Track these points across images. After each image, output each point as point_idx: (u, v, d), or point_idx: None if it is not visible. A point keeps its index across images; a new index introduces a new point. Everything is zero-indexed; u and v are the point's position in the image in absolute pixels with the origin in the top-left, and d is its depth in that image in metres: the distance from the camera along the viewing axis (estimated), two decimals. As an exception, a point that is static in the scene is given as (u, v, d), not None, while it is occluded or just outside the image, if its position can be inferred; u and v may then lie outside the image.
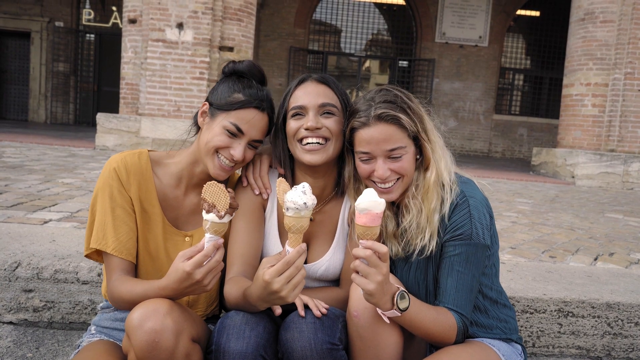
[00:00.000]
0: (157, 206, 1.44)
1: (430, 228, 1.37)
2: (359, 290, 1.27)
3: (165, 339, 1.14)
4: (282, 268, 1.12)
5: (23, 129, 9.93)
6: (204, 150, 1.40)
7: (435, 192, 1.38)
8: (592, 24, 7.69)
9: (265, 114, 1.43)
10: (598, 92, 7.72)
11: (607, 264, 2.66)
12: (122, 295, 1.28)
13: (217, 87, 1.46)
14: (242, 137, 1.40)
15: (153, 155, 1.48)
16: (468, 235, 1.35)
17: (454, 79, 14.06)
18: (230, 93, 1.41)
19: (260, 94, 1.42)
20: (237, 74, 1.46)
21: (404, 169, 1.37)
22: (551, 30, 14.21)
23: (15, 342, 1.78)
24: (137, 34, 7.28)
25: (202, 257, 1.15)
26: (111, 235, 1.34)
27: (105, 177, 1.38)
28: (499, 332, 1.45)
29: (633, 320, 1.98)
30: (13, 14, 13.20)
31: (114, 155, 1.42)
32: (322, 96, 1.41)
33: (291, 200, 1.12)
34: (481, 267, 1.38)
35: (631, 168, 7.51)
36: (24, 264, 1.86)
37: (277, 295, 1.13)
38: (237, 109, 1.39)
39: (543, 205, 4.96)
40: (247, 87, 1.42)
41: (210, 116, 1.43)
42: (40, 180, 3.91)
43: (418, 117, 1.39)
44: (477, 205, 1.37)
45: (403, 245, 1.43)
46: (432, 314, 1.29)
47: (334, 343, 1.24)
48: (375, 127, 1.35)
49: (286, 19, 13.88)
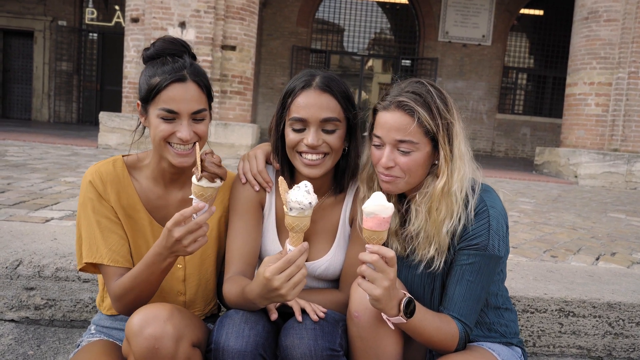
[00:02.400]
0: (142, 210, 1.41)
1: (437, 240, 1.32)
2: (360, 291, 1.27)
3: (166, 346, 1.13)
4: (283, 266, 1.12)
5: (26, 127, 9.97)
6: (156, 147, 1.36)
7: (443, 203, 1.31)
8: (596, 23, 7.66)
9: (190, 82, 1.33)
10: (601, 92, 7.69)
11: (609, 263, 2.65)
12: (125, 285, 1.27)
13: (139, 84, 1.39)
14: (179, 116, 1.32)
15: (128, 160, 1.45)
16: (484, 246, 1.31)
17: (457, 78, 14.03)
18: (147, 81, 1.33)
19: (176, 66, 1.32)
20: (151, 59, 1.37)
21: (409, 167, 1.32)
22: (555, 29, 14.16)
23: (16, 340, 1.79)
24: (140, 33, 7.29)
25: (178, 217, 1.15)
26: (103, 247, 1.32)
27: (84, 192, 1.36)
28: (499, 336, 1.44)
29: (634, 320, 1.98)
30: (16, 13, 13.24)
31: (90, 168, 1.39)
32: (325, 109, 1.36)
33: (296, 201, 1.12)
34: (492, 278, 1.35)
35: (634, 168, 7.48)
36: (26, 262, 1.87)
37: (277, 292, 1.13)
38: (159, 92, 1.30)
39: (545, 204, 4.94)
40: (160, 66, 1.33)
41: (144, 113, 1.37)
42: (43, 179, 3.92)
43: (444, 119, 1.31)
44: (497, 215, 1.33)
45: (409, 251, 1.41)
46: (435, 323, 1.27)
47: (334, 349, 1.24)
48: (393, 113, 1.31)
49: (289, 17, 13.88)
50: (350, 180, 1.50)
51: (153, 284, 1.27)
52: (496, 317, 1.44)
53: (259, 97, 13.55)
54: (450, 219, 1.32)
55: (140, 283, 1.25)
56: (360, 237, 1.41)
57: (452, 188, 1.32)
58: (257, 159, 1.49)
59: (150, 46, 1.37)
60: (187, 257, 1.45)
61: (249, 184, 1.48)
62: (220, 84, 7.30)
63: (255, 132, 7.73)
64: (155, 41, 1.38)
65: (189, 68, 1.34)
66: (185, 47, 1.39)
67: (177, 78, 1.31)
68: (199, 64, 1.41)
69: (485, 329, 1.44)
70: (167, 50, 1.36)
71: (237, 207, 1.46)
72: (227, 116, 7.42)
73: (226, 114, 7.41)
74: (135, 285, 1.26)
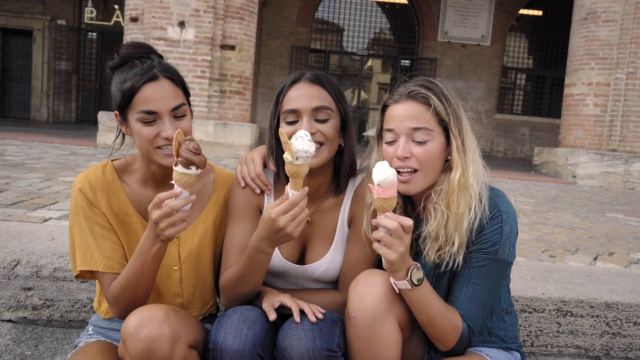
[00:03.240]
0: (134, 214, 1.40)
1: (459, 235, 1.30)
2: (358, 291, 1.27)
3: (162, 347, 1.13)
4: (288, 207, 1.19)
5: (25, 127, 9.95)
6: (145, 153, 1.33)
7: (462, 197, 1.30)
8: (595, 24, 7.67)
9: (163, 79, 1.30)
10: (600, 92, 7.70)
11: (607, 263, 2.65)
12: (120, 282, 1.27)
13: (111, 94, 1.36)
14: (159, 116, 1.29)
15: (117, 164, 1.43)
16: (495, 251, 1.30)
17: (456, 78, 14.04)
18: (119, 88, 1.30)
19: (145, 66, 1.30)
20: (118, 68, 1.35)
21: (425, 157, 1.31)
22: (553, 30, 14.18)
23: (14, 340, 1.79)
24: (139, 32, 7.29)
25: (156, 199, 1.17)
26: (97, 253, 1.32)
27: (74, 200, 1.35)
28: (499, 340, 1.43)
29: (632, 319, 1.98)
30: (16, 12, 13.22)
31: (78, 175, 1.38)
32: (316, 99, 1.37)
33: (303, 150, 1.18)
34: (500, 283, 1.35)
35: (632, 168, 7.49)
36: (23, 262, 1.87)
37: (283, 232, 1.20)
38: (133, 95, 1.28)
39: (544, 204, 4.95)
40: (129, 71, 1.30)
41: (124, 122, 1.34)
42: (41, 179, 3.92)
43: (453, 110, 1.33)
44: (510, 221, 1.32)
45: (413, 254, 1.40)
46: (441, 306, 1.28)
47: (332, 350, 1.24)
48: (405, 104, 1.32)
49: (288, 17, 13.88)
50: (348, 180, 1.50)
51: (147, 275, 1.26)
52: (497, 321, 1.44)
53: (258, 96, 13.54)
54: (469, 213, 1.31)
55: (135, 275, 1.24)
56: (359, 234, 1.43)
57: (468, 181, 1.32)
58: (254, 162, 1.49)
59: (115, 56, 1.35)
60: (183, 258, 1.44)
61: (249, 188, 1.47)
62: (219, 83, 7.29)
63: (254, 132, 7.73)
64: (118, 51, 1.36)
65: (159, 66, 1.32)
66: (150, 48, 1.37)
67: (149, 78, 1.28)
68: (168, 62, 1.39)
69: (486, 333, 1.43)
70: (133, 55, 1.34)
71: (235, 211, 1.46)
72: (226, 116, 7.42)
73: (225, 114, 7.41)
74: (130, 279, 1.25)
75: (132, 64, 1.32)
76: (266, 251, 1.27)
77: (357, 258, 1.44)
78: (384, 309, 1.26)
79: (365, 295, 1.26)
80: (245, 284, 1.34)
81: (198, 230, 1.46)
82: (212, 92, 7.26)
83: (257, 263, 1.29)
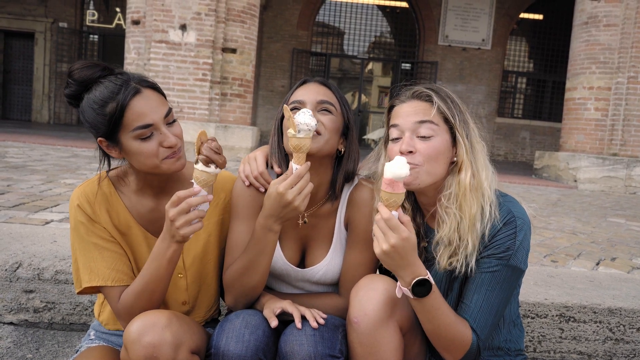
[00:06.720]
0: (134, 226, 1.36)
1: (472, 237, 1.27)
2: (359, 296, 1.26)
3: (164, 354, 1.12)
4: (295, 181, 1.22)
5: (26, 129, 9.96)
6: (150, 169, 1.28)
7: (474, 197, 1.28)
8: (596, 28, 7.68)
9: (145, 89, 1.24)
10: (601, 96, 7.70)
11: (609, 268, 2.64)
12: (134, 290, 1.25)
13: (87, 123, 1.26)
14: (155, 127, 1.23)
15: (113, 175, 1.38)
16: (508, 257, 1.27)
17: (457, 81, 14.05)
18: (101, 113, 1.21)
19: (119, 82, 1.22)
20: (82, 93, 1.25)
21: (429, 153, 1.29)
22: (554, 34, 14.19)
23: (15, 343, 1.78)
24: (141, 35, 7.30)
25: (175, 197, 1.17)
26: (104, 267, 1.28)
27: (73, 216, 1.32)
28: (504, 354, 1.42)
29: (635, 325, 1.97)
30: (17, 15, 13.25)
31: (75, 190, 1.34)
32: (322, 95, 1.42)
33: (304, 123, 1.21)
34: (511, 292, 1.32)
35: (634, 172, 7.49)
36: (25, 264, 1.86)
37: (291, 206, 1.22)
38: (122, 115, 1.21)
39: (545, 209, 4.94)
40: (105, 93, 1.21)
41: (115, 146, 1.27)
42: (43, 181, 3.92)
43: (459, 111, 1.34)
44: (525, 227, 1.29)
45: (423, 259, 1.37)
46: (450, 318, 1.24)
47: (334, 355, 1.24)
48: (410, 102, 1.35)
49: (289, 20, 13.90)
50: (344, 185, 1.49)
51: (162, 280, 1.24)
52: (506, 334, 1.42)
53: (259, 99, 13.56)
54: (482, 214, 1.29)
55: (150, 281, 1.23)
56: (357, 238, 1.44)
57: (482, 185, 1.31)
58: (257, 161, 1.49)
59: (70, 84, 1.25)
60: (188, 265, 1.43)
61: (253, 187, 1.47)
62: (220, 86, 7.30)
63: (255, 135, 7.73)
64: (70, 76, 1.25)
65: (134, 78, 1.26)
66: (104, 64, 1.28)
67: (134, 92, 1.22)
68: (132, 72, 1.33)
69: (494, 347, 1.41)
70: (95, 75, 1.24)
71: (238, 210, 1.46)
72: (227, 119, 7.42)
73: (226, 117, 7.42)
74: (145, 286, 1.23)
75: (99, 85, 1.23)
76: (274, 229, 1.28)
77: (356, 262, 1.44)
78: (385, 314, 1.25)
79: (367, 301, 1.25)
80: (254, 272, 1.32)
81: (201, 236, 1.45)
82: (213, 94, 7.26)
83: (265, 244, 1.30)
